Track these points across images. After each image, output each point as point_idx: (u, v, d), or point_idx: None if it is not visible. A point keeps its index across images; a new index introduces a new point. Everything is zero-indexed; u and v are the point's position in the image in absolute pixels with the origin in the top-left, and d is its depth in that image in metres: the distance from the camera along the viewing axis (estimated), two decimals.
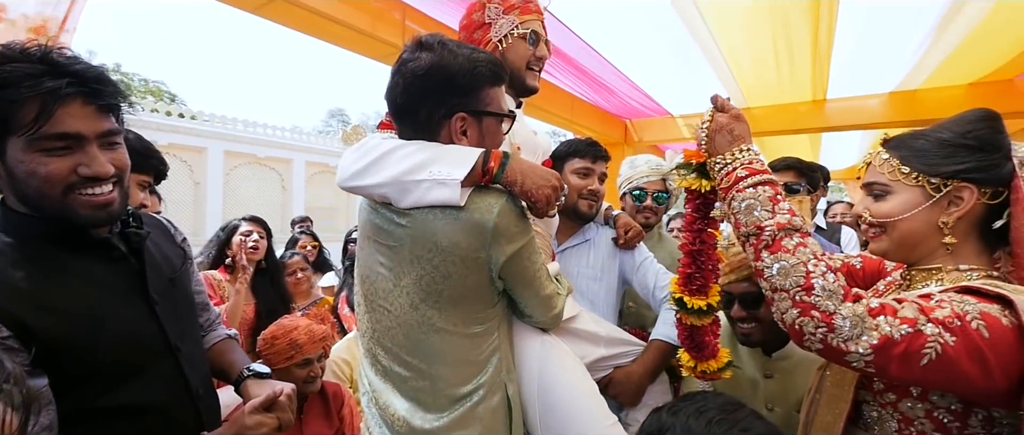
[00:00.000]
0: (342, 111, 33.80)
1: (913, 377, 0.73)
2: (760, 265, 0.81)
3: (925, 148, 0.82)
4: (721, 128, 0.92)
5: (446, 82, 0.91)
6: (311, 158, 10.60)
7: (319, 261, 3.19)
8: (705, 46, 3.02)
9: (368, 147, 0.96)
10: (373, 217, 0.98)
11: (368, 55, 2.68)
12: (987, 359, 0.68)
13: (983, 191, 0.80)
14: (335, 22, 2.32)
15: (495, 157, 0.91)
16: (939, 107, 3.70)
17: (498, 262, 0.92)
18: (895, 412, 0.82)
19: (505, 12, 1.14)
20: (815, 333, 0.74)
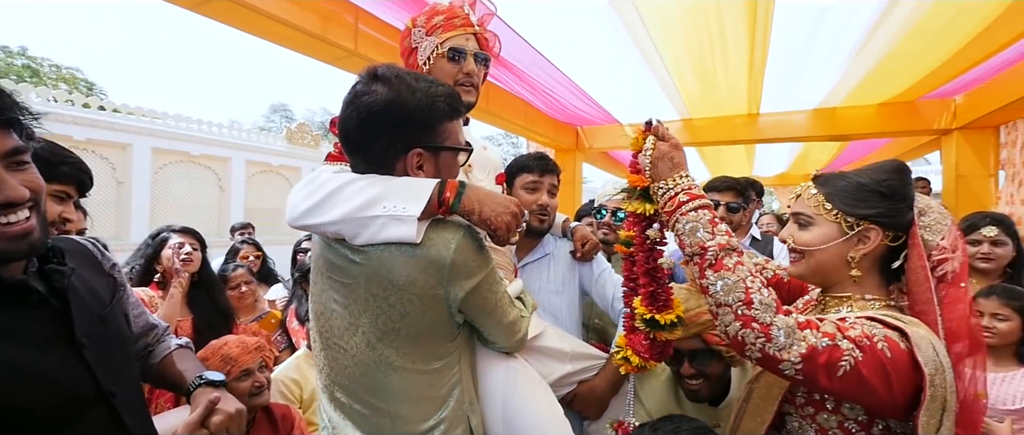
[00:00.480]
0: (285, 106, 31.68)
1: (834, 387, 0.81)
2: (705, 283, 0.88)
3: (846, 189, 0.93)
4: (663, 156, 0.98)
5: (404, 118, 0.88)
6: (251, 157, 9.97)
7: (264, 272, 2.97)
8: (652, 61, 3.17)
9: (318, 183, 0.92)
10: (327, 253, 0.94)
11: (317, 58, 2.60)
12: (889, 376, 0.79)
13: (887, 234, 0.91)
14: (281, 23, 2.23)
15: (451, 187, 0.89)
16: (854, 123, 4.09)
17: (457, 298, 0.90)
18: (813, 423, 0.92)
19: (428, 33, 1.14)
20: (755, 343, 0.82)
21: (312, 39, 2.40)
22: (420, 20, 1.16)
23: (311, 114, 30.93)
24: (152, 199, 8.56)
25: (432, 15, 1.16)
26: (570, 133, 5.04)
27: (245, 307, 2.34)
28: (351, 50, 2.56)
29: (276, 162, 10.32)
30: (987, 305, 1.49)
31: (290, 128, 11.06)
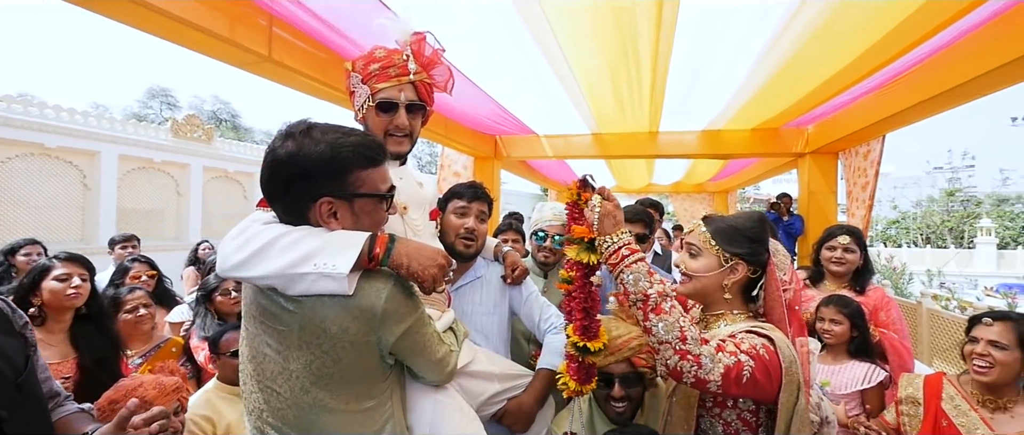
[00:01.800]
0: (167, 91, 27.12)
1: (741, 392, 1.04)
2: (648, 325, 1.05)
3: (725, 231, 1.18)
4: (608, 214, 1.14)
5: (307, 170, 0.91)
6: (127, 150, 8.66)
7: (160, 292, 2.62)
8: (565, 81, 3.40)
9: (249, 234, 0.93)
10: (259, 298, 0.95)
11: (228, 62, 2.43)
12: (770, 373, 1.05)
13: (751, 268, 1.17)
14: (185, 24, 2.06)
15: (381, 242, 0.92)
16: (732, 144, 4.73)
17: (388, 343, 0.95)
18: (719, 420, 1.16)
19: (363, 81, 1.15)
20: (690, 371, 1.01)
21: (220, 42, 2.24)
22: (358, 65, 1.16)
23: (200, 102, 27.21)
24: None
25: (369, 62, 1.17)
26: (489, 142, 5.17)
27: (140, 335, 2.06)
28: (265, 55, 2.43)
29: (159, 158, 9.12)
30: (826, 312, 1.87)
31: (175, 118, 9.84)
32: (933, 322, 4.33)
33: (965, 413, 1.37)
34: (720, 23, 2.57)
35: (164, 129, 9.50)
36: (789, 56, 2.86)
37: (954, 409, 1.39)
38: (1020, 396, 1.36)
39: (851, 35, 2.52)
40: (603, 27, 2.59)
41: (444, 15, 2.54)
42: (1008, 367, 1.34)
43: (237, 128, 27.00)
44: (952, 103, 2.96)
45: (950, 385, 1.45)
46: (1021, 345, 1.34)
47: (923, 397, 1.46)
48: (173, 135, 9.43)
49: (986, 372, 1.36)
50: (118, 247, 3.41)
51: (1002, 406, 1.35)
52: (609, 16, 2.49)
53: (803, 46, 2.72)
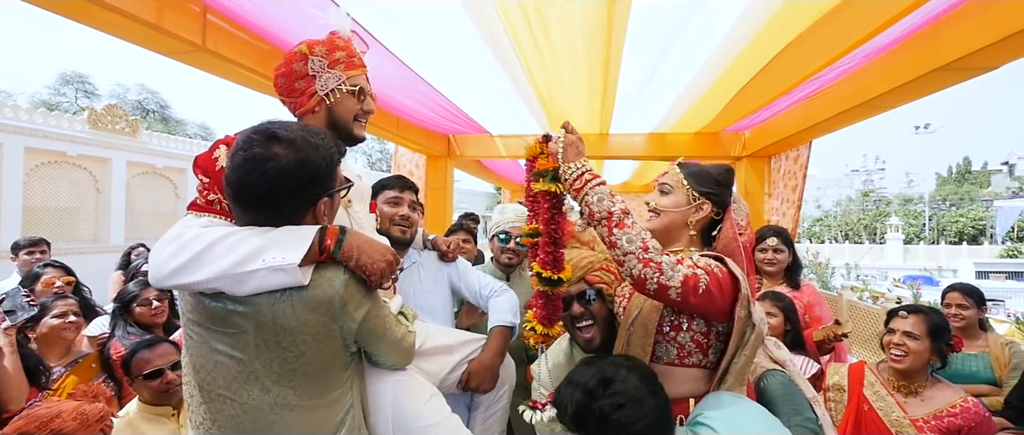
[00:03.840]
0: (84, 78, 24.31)
1: (698, 302, 1.09)
2: (614, 238, 1.10)
3: (696, 172, 1.30)
4: (572, 144, 1.21)
5: (316, 174, 0.93)
6: (35, 142, 7.79)
7: (80, 303, 2.31)
8: (518, 81, 3.42)
9: (186, 238, 0.89)
10: (205, 303, 0.91)
11: (157, 50, 2.24)
12: (723, 288, 1.13)
13: (714, 209, 1.28)
14: (103, 6, 1.87)
15: (331, 234, 0.93)
16: (677, 147, 4.94)
17: (351, 330, 0.96)
18: (674, 343, 1.21)
19: (330, 66, 1.15)
20: (653, 278, 1.06)
21: (147, 29, 2.05)
22: (319, 50, 1.14)
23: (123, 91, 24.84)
24: None
25: (332, 49, 1.16)
26: (442, 141, 5.10)
27: (59, 348, 1.84)
28: (198, 44, 2.26)
29: (74, 151, 8.26)
30: (762, 306, 2.00)
31: (94, 108, 8.96)
32: (852, 312, 4.75)
33: (883, 397, 1.52)
34: (667, 30, 2.68)
35: (80, 119, 8.62)
36: (728, 64, 3.03)
37: (874, 394, 1.53)
38: (929, 381, 1.52)
39: (781, 46, 2.70)
40: (557, 30, 2.62)
41: (396, 14, 2.48)
42: (919, 355, 1.49)
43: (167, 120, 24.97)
44: (869, 113, 3.25)
45: (870, 372, 1.60)
46: (931, 335, 1.49)
47: (847, 384, 1.60)
48: (91, 126, 8.58)
49: (901, 360, 1.51)
50: (23, 252, 3.01)
51: (914, 391, 1.51)
52: (564, 19, 2.52)
53: (741, 55, 2.89)
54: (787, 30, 2.56)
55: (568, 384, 1.02)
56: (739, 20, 2.49)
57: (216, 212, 1.00)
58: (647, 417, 0.96)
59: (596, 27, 2.55)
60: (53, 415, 1.18)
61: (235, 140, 0.94)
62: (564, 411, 1.01)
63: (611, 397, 0.97)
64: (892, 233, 25.36)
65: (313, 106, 1.14)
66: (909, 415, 1.46)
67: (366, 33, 2.74)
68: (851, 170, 42.75)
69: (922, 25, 2.41)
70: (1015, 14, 1.94)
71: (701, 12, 2.52)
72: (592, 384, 1.00)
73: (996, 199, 31.33)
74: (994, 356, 2.12)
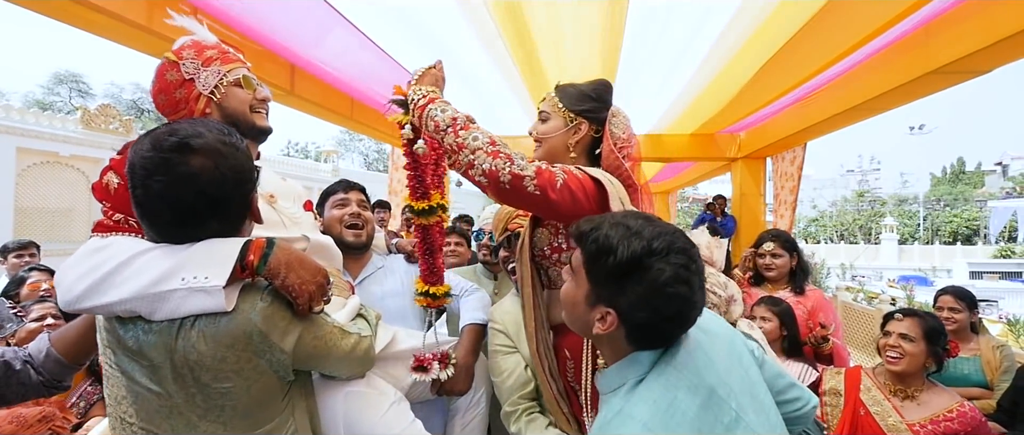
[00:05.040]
0: (78, 77, 24.18)
1: (558, 198, 1.06)
2: (461, 140, 1.06)
3: (571, 93, 1.25)
4: (429, 73, 1.19)
5: (247, 179, 0.85)
6: (27, 142, 7.72)
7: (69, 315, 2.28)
8: (513, 82, 3.40)
9: (99, 259, 0.81)
10: (116, 328, 0.82)
11: (147, 51, 2.21)
12: (586, 190, 1.09)
13: (593, 127, 1.23)
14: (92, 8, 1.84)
15: (256, 248, 0.82)
16: (672, 147, 4.95)
17: (284, 362, 0.84)
18: (560, 267, 1.20)
19: (205, 65, 1.07)
20: (505, 168, 1.03)
21: (137, 31, 2.03)
22: (187, 53, 1.06)
23: (117, 91, 24.68)
24: None
25: (200, 50, 1.08)
26: None
27: None
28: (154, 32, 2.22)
29: (66, 151, 8.19)
30: (758, 311, 1.99)
31: (87, 108, 8.89)
32: (847, 313, 4.76)
33: (879, 402, 1.51)
34: (664, 31, 2.68)
35: (73, 119, 8.56)
36: (724, 66, 3.04)
37: (870, 399, 1.53)
38: (925, 386, 1.52)
39: (777, 50, 2.70)
40: (552, 31, 2.61)
41: (391, 16, 2.47)
42: (915, 357, 1.49)
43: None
44: (864, 115, 3.26)
45: (867, 377, 1.59)
46: (927, 338, 1.49)
47: (844, 388, 1.59)
48: (84, 126, 8.51)
49: (896, 362, 1.50)
50: (12, 256, 2.96)
51: (910, 395, 1.50)
52: (559, 20, 2.51)
53: (736, 58, 2.89)
54: (781, 34, 2.56)
55: (605, 225, 0.81)
56: (734, 23, 2.49)
57: (124, 230, 0.91)
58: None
59: (592, 28, 2.55)
60: None
61: (129, 163, 0.81)
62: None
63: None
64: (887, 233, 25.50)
65: (203, 108, 1.05)
66: (906, 420, 1.45)
67: (359, 33, 2.72)
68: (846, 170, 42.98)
69: (914, 28, 2.42)
70: (1006, 19, 1.94)
71: (696, 14, 2.52)
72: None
73: (990, 199, 31.61)
74: (985, 359, 2.12)
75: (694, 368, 0.75)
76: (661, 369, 0.74)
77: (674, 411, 0.70)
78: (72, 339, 0.97)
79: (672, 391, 0.71)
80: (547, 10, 2.40)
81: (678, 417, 0.69)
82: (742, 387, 0.77)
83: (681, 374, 0.74)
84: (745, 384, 0.78)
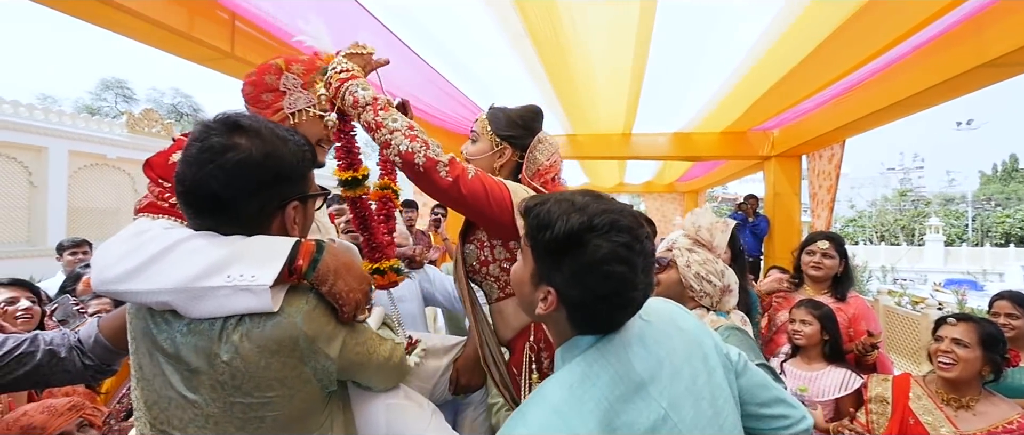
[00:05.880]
0: (122, 83, 25.52)
1: (469, 190, 1.07)
2: (379, 119, 1.07)
3: (500, 118, 1.28)
4: (361, 55, 1.17)
5: (285, 172, 0.80)
6: (78, 146, 8.16)
7: (116, 304, 2.44)
8: (540, 81, 3.39)
9: (142, 239, 0.76)
10: (151, 328, 0.77)
11: (187, 58, 2.31)
12: (499, 192, 1.11)
13: (516, 153, 1.27)
14: (137, 17, 1.93)
15: (305, 252, 0.78)
16: (702, 146, 4.83)
17: (329, 370, 0.80)
18: (489, 278, 1.24)
19: (303, 87, 1.09)
20: (420, 151, 1.05)
21: (179, 38, 2.12)
22: (296, 68, 1.09)
23: (158, 95, 25.81)
24: None
25: (309, 70, 1.10)
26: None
27: None
28: (227, 51, 2.32)
29: (113, 154, 8.64)
30: (797, 313, 1.90)
31: (131, 113, 9.34)
32: (889, 319, 4.54)
33: (931, 411, 1.43)
34: (694, 29, 2.61)
35: (119, 123, 9.01)
36: (756, 63, 2.94)
37: (921, 408, 1.44)
38: (982, 395, 1.43)
39: (814, 46, 2.60)
40: (580, 30, 2.58)
41: (419, 13, 2.49)
42: (970, 364, 1.40)
43: None
44: (907, 111, 3.11)
45: (917, 385, 1.51)
46: (982, 344, 1.40)
47: (891, 396, 1.51)
48: (129, 130, 8.95)
49: (949, 368, 1.42)
50: (67, 253, 3.15)
51: (965, 405, 1.41)
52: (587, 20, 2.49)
53: (770, 54, 2.79)
54: (818, 29, 2.46)
55: (549, 202, 0.77)
56: (768, 21, 2.40)
57: (176, 216, 0.88)
58: None
59: (622, 27, 2.51)
60: (20, 414, 1.25)
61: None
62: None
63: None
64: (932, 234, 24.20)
65: (277, 121, 1.04)
66: (961, 431, 1.37)
67: (387, 31, 2.76)
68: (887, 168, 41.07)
69: (964, 20, 2.28)
70: None
71: (728, 11, 2.45)
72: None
73: None
74: None
75: (625, 359, 0.71)
76: (589, 355, 0.71)
77: (587, 398, 0.67)
78: (119, 325, 0.98)
79: (591, 378, 0.69)
80: (573, 9, 2.38)
81: (590, 405, 0.66)
82: (690, 389, 0.73)
83: (607, 362, 0.71)
84: (696, 387, 0.74)
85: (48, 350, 0.94)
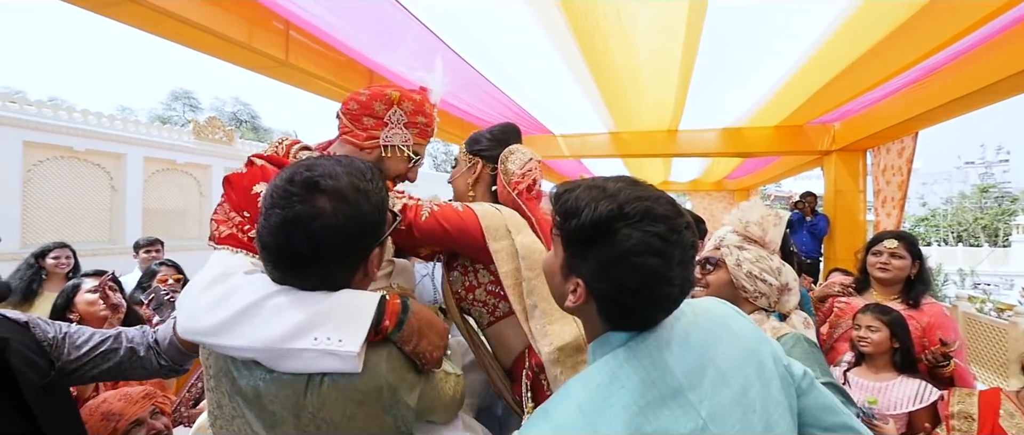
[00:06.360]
0: (189, 93, 27.83)
1: (425, 228, 1.08)
2: None
3: (473, 137, 1.32)
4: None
5: (367, 229, 0.80)
6: (151, 153, 8.89)
7: None
8: (584, 81, 3.34)
9: (226, 288, 0.77)
10: (231, 371, 0.78)
11: (245, 66, 2.43)
12: (463, 223, 1.11)
13: (487, 165, 1.27)
14: (204, 30, 2.07)
15: (392, 313, 0.79)
16: (754, 142, 4.60)
17: (408, 418, 0.81)
18: (476, 303, 1.21)
19: (407, 125, 1.10)
20: None
21: (238, 48, 2.24)
22: (406, 105, 1.09)
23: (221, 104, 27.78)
24: (24, 201, 7.40)
25: (417, 112, 1.11)
26: None
27: None
28: (282, 59, 2.44)
29: (181, 159, 9.32)
30: (863, 319, 1.76)
31: (198, 121, 10.04)
32: (970, 327, 4.15)
33: None
34: (750, 20, 2.48)
35: (186, 131, 9.70)
36: (816, 53, 2.76)
37: (1015, 427, 1.30)
38: None
39: (881, 32, 2.41)
40: (627, 27, 2.52)
41: (461, 14, 2.51)
42: None
43: (257, 129, 27.51)
44: (990, 99, 2.82)
45: (1009, 401, 1.36)
46: None
47: (978, 413, 1.37)
48: (195, 137, 9.63)
49: None
50: (142, 251, 3.46)
51: None
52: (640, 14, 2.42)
53: (830, 42, 2.61)
54: (889, 15, 2.27)
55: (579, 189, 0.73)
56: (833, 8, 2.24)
57: (243, 247, 0.89)
58: None
59: (671, 20, 2.42)
60: (100, 401, 1.36)
61: (271, 182, 0.80)
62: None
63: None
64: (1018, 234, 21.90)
65: (367, 146, 1.08)
66: None
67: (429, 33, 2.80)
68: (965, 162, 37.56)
69: None
70: None
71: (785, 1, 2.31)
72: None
73: None
74: None
75: (660, 361, 0.65)
76: (619, 354, 0.66)
77: (614, 401, 0.62)
78: None
79: (620, 379, 0.63)
80: (620, 3, 2.32)
81: (617, 407, 0.61)
82: (739, 400, 0.66)
83: (639, 363, 0.65)
84: (746, 398, 0.66)
85: (129, 348, 1.03)
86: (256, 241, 0.79)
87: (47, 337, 0.92)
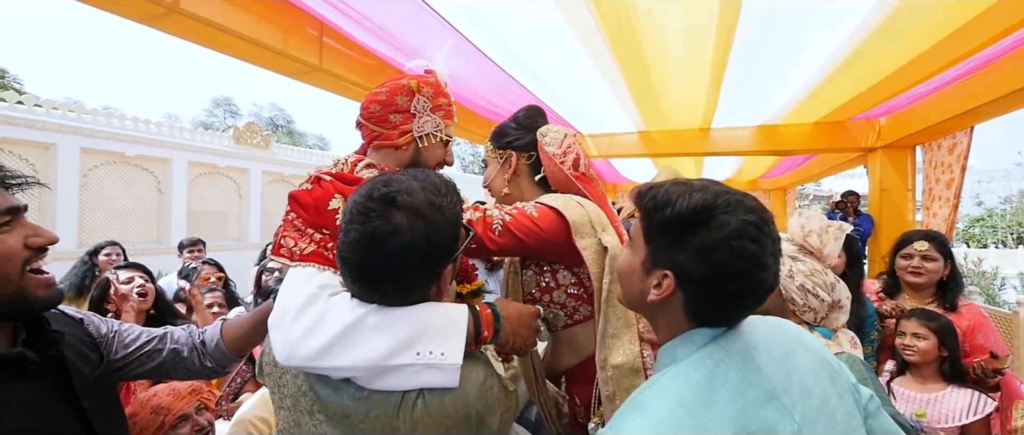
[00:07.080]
0: (229, 100, 29.13)
1: (501, 242, 1.03)
2: None
3: (497, 131, 1.26)
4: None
5: (443, 246, 0.79)
6: (194, 157, 9.35)
7: (227, 294, 2.70)
8: (613, 80, 3.29)
9: (315, 315, 0.77)
10: (316, 389, 0.79)
11: (280, 72, 2.52)
12: (542, 223, 1.05)
13: (522, 155, 1.22)
14: (239, 37, 2.15)
15: (487, 322, 0.81)
16: (792, 139, 4.42)
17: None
18: (555, 305, 1.18)
19: (432, 110, 1.09)
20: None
21: (274, 54, 2.32)
22: (426, 91, 1.08)
23: (258, 110, 28.90)
24: (81, 204, 7.89)
25: (437, 94, 1.10)
26: None
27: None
28: (315, 65, 2.51)
29: (222, 163, 9.74)
30: (908, 326, 1.66)
31: (237, 126, 10.47)
32: None
33: None
34: (784, 13, 2.39)
35: (227, 136, 10.13)
36: (858, 45, 2.62)
37: None
38: None
39: (930, 23, 2.27)
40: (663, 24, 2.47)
41: (487, 14, 2.52)
42: None
43: (292, 133, 28.47)
44: None
45: None
46: None
47: None
48: (235, 142, 10.04)
49: None
50: (186, 251, 3.65)
51: None
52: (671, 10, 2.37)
53: (873, 34, 2.48)
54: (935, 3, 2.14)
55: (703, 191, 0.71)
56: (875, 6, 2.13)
57: (315, 260, 0.88)
58: None
59: (704, 15, 2.36)
60: (152, 395, 1.41)
61: (350, 198, 0.80)
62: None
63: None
64: None
65: (403, 143, 1.06)
66: None
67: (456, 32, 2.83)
68: None
69: None
70: None
71: None
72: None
73: None
74: None
75: (752, 362, 0.64)
76: (712, 352, 0.65)
77: (717, 398, 0.60)
78: (239, 336, 1.08)
79: (719, 377, 0.62)
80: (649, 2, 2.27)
81: (721, 405, 0.60)
82: (822, 409, 0.65)
83: (734, 362, 0.64)
84: (828, 408, 0.66)
85: (173, 349, 1.07)
86: (337, 257, 0.80)
87: (99, 333, 0.98)
